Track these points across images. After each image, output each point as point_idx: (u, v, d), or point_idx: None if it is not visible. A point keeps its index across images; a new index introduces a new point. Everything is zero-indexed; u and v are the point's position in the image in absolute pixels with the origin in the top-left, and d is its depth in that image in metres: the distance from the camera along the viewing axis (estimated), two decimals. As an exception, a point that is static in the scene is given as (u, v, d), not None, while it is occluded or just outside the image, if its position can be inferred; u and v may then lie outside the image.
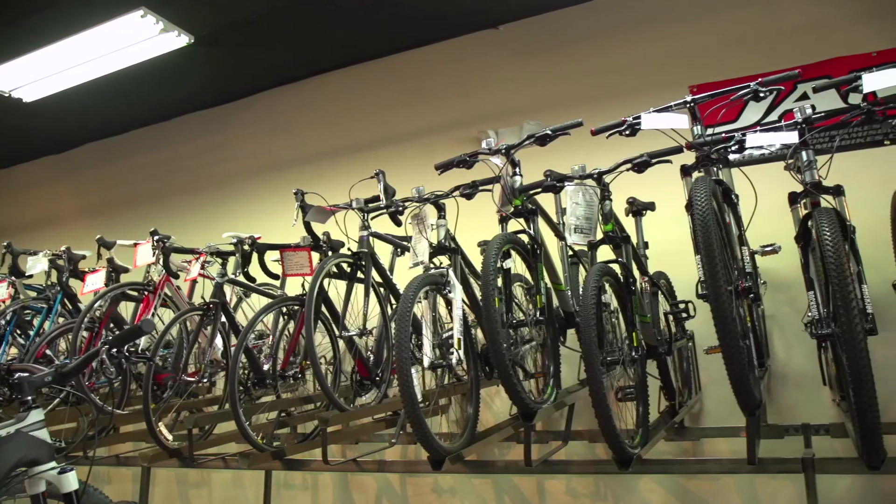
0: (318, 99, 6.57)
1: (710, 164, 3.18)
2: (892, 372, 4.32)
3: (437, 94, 6.03)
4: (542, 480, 5.03)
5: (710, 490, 4.65)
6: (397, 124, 6.11)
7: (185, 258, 4.88)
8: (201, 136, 7.14)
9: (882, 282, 3.95)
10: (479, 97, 5.86)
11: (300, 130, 6.62)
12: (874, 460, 2.56)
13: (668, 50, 5.30)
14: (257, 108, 6.87)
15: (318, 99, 6.57)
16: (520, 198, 3.46)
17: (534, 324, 3.40)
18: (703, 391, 4.61)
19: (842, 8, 4.89)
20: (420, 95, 6.10)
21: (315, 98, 6.58)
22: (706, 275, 2.55)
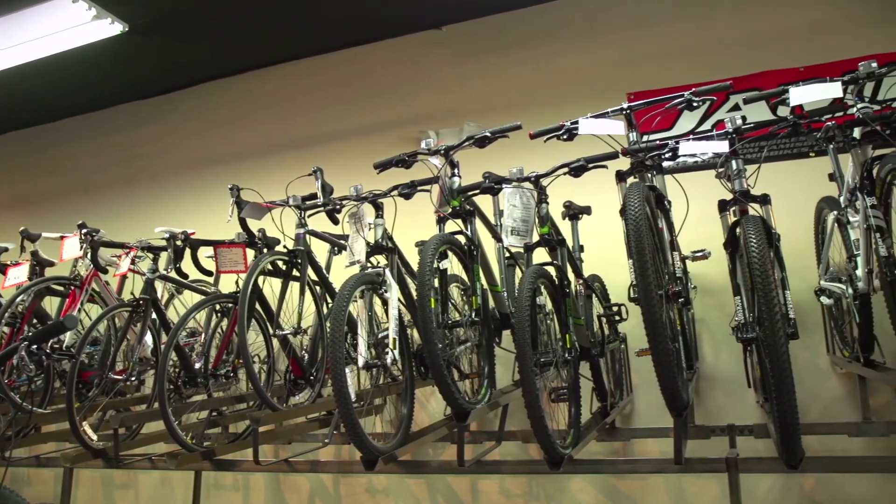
0: (258, 94, 6.47)
1: (644, 171, 3.24)
2: (812, 375, 4.52)
3: (378, 92, 6.01)
4: (476, 480, 5.06)
5: (640, 489, 4.75)
6: (337, 122, 6.07)
7: (114, 253, 4.74)
8: (135, 128, 6.95)
9: (805, 288, 4.09)
10: (421, 97, 5.86)
11: (238, 125, 6.51)
12: (793, 460, 2.65)
13: (608, 57, 5.40)
14: (194, 101, 6.73)
15: (257, 94, 6.47)
16: (458, 199, 3.47)
17: (469, 324, 3.41)
18: (635, 392, 4.70)
19: (772, 25, 5.07)
20: (361, 94, 6.07)
21: (254, 93, 6.48)
22: (637, 279, 2.59)
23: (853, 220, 3.39)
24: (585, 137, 3.34)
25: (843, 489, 4.38)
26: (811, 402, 4.52)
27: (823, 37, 4.90)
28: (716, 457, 3.24)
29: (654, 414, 4.49)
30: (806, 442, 4.20)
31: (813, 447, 4.24)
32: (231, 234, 4.41)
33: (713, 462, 3.21)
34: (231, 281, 4.30)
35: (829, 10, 4.99)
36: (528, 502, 4.96)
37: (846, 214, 3.51)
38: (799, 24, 5.02)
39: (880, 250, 2.96)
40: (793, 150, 4.86)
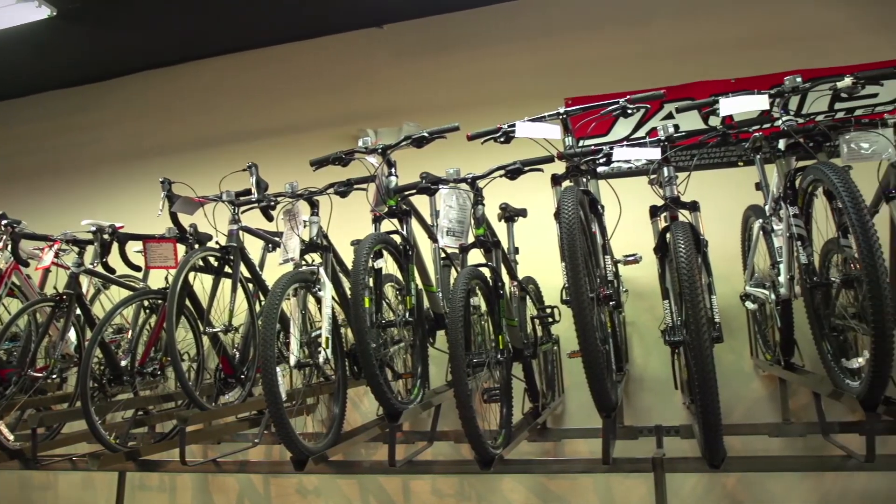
0: (192, 86, 6.33)
1: (579, 175, 3.29)
2: (737, 377, 4.66)
3: (317, 89, 5.95)
4: (408, 480, 5.06)
5: (570, 489, 4.82)
6: (274, 117, 5.98)
7: (37, 245, 4.56)
8: (62, 116, 6.70)
9: (732, 293, 4.21)
10: (360, 95, 5.83)
11: (171, 117, 6.35)
12: (715, 459, 2.72)
13: (547, 62, 5.47)
14: (126, 91, 6.53)
15: (191, 86, 6.33)
16: (394, 198, 3.46)
17: (403, 324, 3.41)
18: (566, 393, 4.77)
19: (706, 37, 5.23)
20: (299, 89, 6.00)
21: (188, 85, 6.34)
22: (569, 281, 2.63)
23: (777, 228, 3.50)
24: (523, 141, 3.37)
25: (763, 487, 4.54)
26: (735, 404, 4.67)
27: (753, 51, 5.07)
28: (643, 457, 3.31)
29: (584, 415, 4.55)
30: (729, 442, 4.33)
31: (736, 447, 4.38)
32: (161, 228, 4.30)
33: (640, 462, 3.28)
34: (160, 277, 4.21)
35: (758, 26, 5.16)
36: (459, 502, 4.98)
37: (771, 223, 3.62)
38: (730, 38, 5.19)
39: (801, 258, 3.07)
40: (722, 159, 5.01)
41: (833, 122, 3.20)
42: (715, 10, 5.30)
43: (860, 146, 3.01)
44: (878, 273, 2.44)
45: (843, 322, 3.06)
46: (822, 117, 4.55)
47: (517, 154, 3.59)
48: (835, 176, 2.67)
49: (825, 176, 2.73)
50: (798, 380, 3.81)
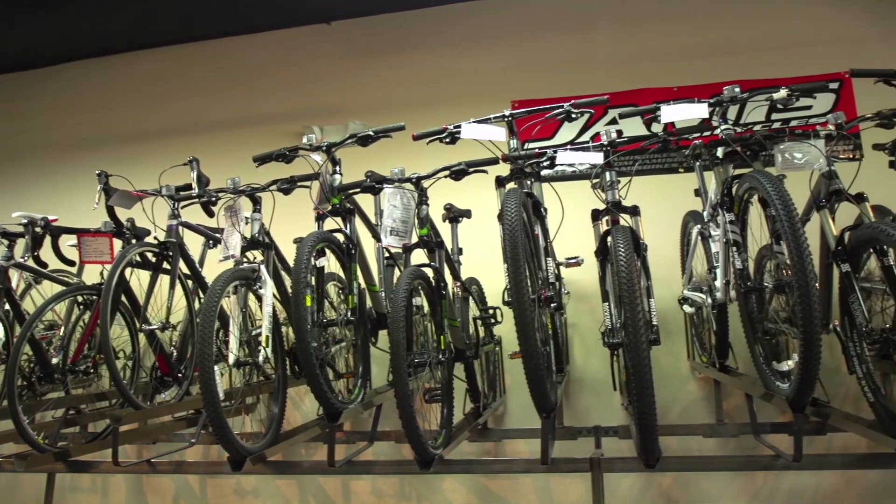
0: (132, 76, 6.17)
1: (523, 177, 3.32)
2: (674, 379, 4.76)
3: (261, 84, 5.87)
4: (348, 481, 5.03)
5: (510, 489, 4.86)
6: (217, 111, 5.88)
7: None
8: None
9: (670, 296, 4.30)
10: (306, 92, 5.77)
11: (109, 108, 6.18)
12: (651, 459, 2.76)
13: (495, 64, 5.51)
14: (62, 80, 6.34)
15: (131, 76, 6.17)
16: (338, 196, 3.44)
17: (345, 324, 3.38)
18: (508, 394, 4.80)
19: (650, 45, 5.34)
20: (243, 84, 5.91)
21: (128, 75, 6.18)
22: (511, 283, 2.65)
23: (714, 234, 3.59)
24: (469, 143, 3.39)
25: (697, 486, 4.65)
26: (671, 405, 4.77)
27: (695, 60, 5.21)
28: (581, 457, 3.35)
29: (525, 415, 4.59)
30: (665, 442, 4.44)
31: (672, 447, 4.48)
32: (97, 222, 4.18)
33: (578, 462, 3.31)
34: (96, 272, 4.09)
35: (700, 36, 5.30)
36: (399, 502, 4.97)
37: (708, 228, 3.71)
38: (673, 47, 5.32)
39: (736, 263, 3.15)
40: (664, 165, 5.11)
41: (769, 133, 3.30)
42: (658, 20, 5.43)
43: (794, 156, 3.10)
44: (807, 279, 2.52)
45: (775, 326, 3.16)
46: (759, 127, 4.68)
47: (463, 155, 3.60)
48: (769, 184, 2.75)
49: (760, 184, 2.80)
50: (732, 382, 3.91)
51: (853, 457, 3.60)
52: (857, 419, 3.10)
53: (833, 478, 4.53)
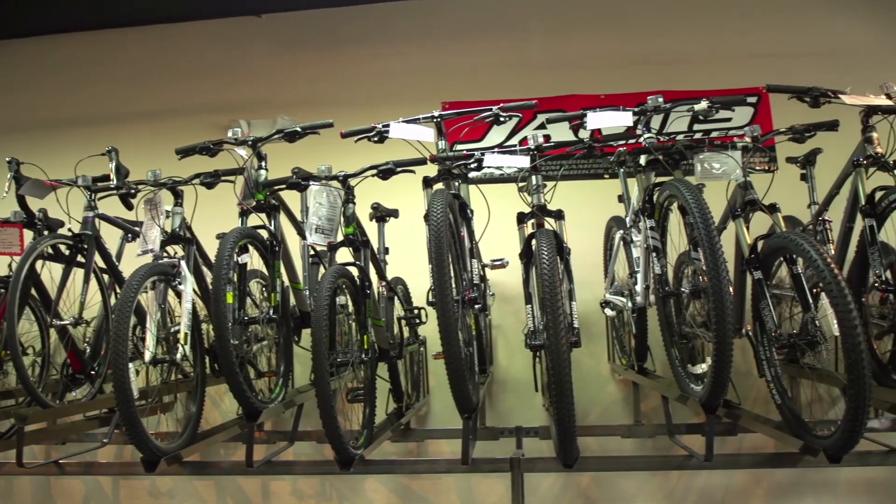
0: (50, 60, 5.91)
1: (450, 179, 3.33)
2: (594, 380, 4.86)
3: (188, 74, 5.72)
4: (268, 481, 4.94)
5: (432, 489, 4.87)
6: (139, 101, 5.69)
7: None
8: None
9: (593, 300, 4.37)
10: (234, 85, 5.65)
11: (23, 92, 5.89)
12: (569, 459, 2.80)
13: (427, 64, 5.52)
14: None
15: (49, 60, 5.91)
16: (263, 192, 3.39)
17: (267, 321, 3.32)
18: (432, 394, 4.81)
19: (580, 52, 5.45)
20: (169, 74, 5.74)
21: (46, 59, 5.91)
22: (435, 283, 2.65)
23: (636, 239, 3.67)
24: (398, 143, 3.38)
25: (615, 485, 4.76)
26: (592, 406, 4.87)
27: (623, 69, 5.34)
28: (502, 457, 3.38)
29: (448, 415, 4.60)
30: (585, 442, 4.52)
31: (591, 447, 4.56)
32: (6, 212, 4.00)
33: (498, 462, 3.34)
34: (3, 264, 3.91)
35: (628, 46, 5.44)
36: (320, 503, 4.92)
37: (630, 234, 3.80)
38: (602, 55, 5.44)
39: (655, 268, 3.24)
40: (590, 170, 5.21)
41: (689, 143, 3.40)
42: (589, 29, 5.55)
43: (712, 166, 3.20)
44: (721, 285, 2.61)
45: (691, 330, 3.26)
46: (682, 137, 4.82)
47: (392, 155, 3.59)
48: (688, 193, 2.84)
49: (679, 192, 2.89)
50: (649, 384, 4.01)
51: (761, 456, 3.73)
52: (766, 420, 3.23)
53: (743, 476, 4.71)
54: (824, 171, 4.12)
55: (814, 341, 2.82)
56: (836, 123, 3.62)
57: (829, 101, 3.30)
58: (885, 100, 3.24)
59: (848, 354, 2.48)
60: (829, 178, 3.72)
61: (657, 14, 5.55)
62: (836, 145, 3.75)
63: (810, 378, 3.53)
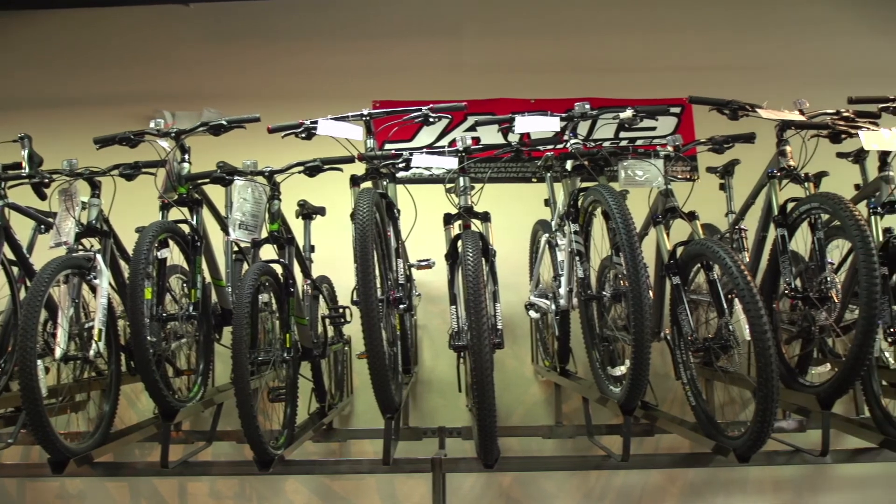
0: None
1: (378, 178, 3.32)
2: (518, 382, 4.92)
3: (109, 61, 5.50)
4: (185, 482, 4.82)
5: (354, 489, 4.84)
6: (56, 87, 5.44)
7: None
8: None
9: (518, 302, 4.42)
10: (159, 74, 5.48)
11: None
12: (489, 460, 2.83)
13: (360, 62, 5.49)
14: None
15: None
16: (185, 186, 3.30)
17: (186, 318, 3.24)
18: (355, 394, 4.77)
19: (512, 56, 5.51)
20: (89, 60, 5.51)
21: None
22: (359, 282, 2.64)
23: (561, 243, 3.73)
24: (328, 141, 3.35)
25: (536, 485, 4.82)
26: (515, 407, 4.92)
27: (553, 75, 5.42)
28: (424, 457, 3.39)
29: (372, 415, 4.55)
30: (508, 443, 4.60)
31: (514, 448, 4.63)
32: None
33: (420, 462, 3.36)
34: None
35: (559, 53, 5.53)
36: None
37: (556, 237, 3.86)
38: (533, 61, 5.51)
39: (579, 272, 3.29)
40: (518, 174, 5.27)
41: (614, 149, 3.47)
42: (522, 34, 5.62)
43: (636, 173, 3.28)
44: (640, 289, 2.68)
45: (612, 333, 3.33)
46: (608, 144, 4.92)
47: (322, 152, 3.56)
48: (611, 198, 2.90)
49: (603, 198, 2.95)
50: (571, 385, 4.08)
51: (676, 456, 3.85)
52: (682, 422, 3.33)
53: (659, 476, 4.84)
54: (742, 182, 4.28)
55: (727, 345, 2.93)
56: (753, 136, 3.75)
57: (747, 114, 3.42)
58: (798, 115, 3.37)
59: (758, 358, 2.58)
60: (747, 188, 3.87)
61: (588, 23, 5.65)
62: (753, 157, 3.90)
63: (724, 381, 3.66)
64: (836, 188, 3.20)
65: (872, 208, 3.29)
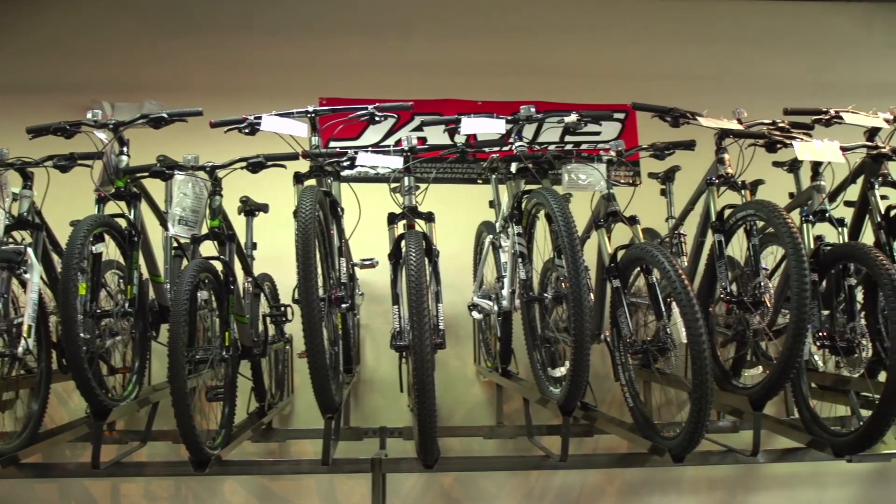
0: None
1: (322, 175, 3.30)
2: (461, 382, 4.94)
3: (46, 48, 5.31)
4: (118, 483, 4.68)
5: (293, 489, 4.78)
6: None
7: None
8: None
9: (461, 303, 4.43)
10: (99, 63, 5.30)
11: None
12: (429, 460, 2.83)
13: (306, 58, 5.44)
14: None
15: None
16: (123, 179, 3.22)
17: (122, 315, 3.15)
18: (296, 393, 4.72)
19: (461, 57, 5.53)
20: (24, 46, 5.31)
21: None
22: (300, 281, 2.62)
23: (504, 244, 3.76)
24: (273, 137, 3.30)
25: (476, 485, 4.85)
26: (457, 407, 4.94)
27: (501, 78, 5.46)
28: (364, 457, 3.38)
29: (313, 415, 4.48)
30: (449, 443, 4.60)
31: (455, 448, 4.63)
32: None
33: (359, 462, 3.34)
34: None
35: (507, 56, 5.59)
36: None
37: (499, 239, 3.88)
38: (481, 63, 5.54)
39: (521, 274, 3.32)
40: (463, 175, 5.29)
41: (558, 153, 3.51)
42: (472, 35, 5.64)
43: (579, 177, 3.33)
44: (581, 292, 2.72)
45: (554, 334, 3.36)
46: (553, 147, 4.97)
47: (267, 148, 3.51)
48: (554, 201, 2.93)
49: (546, 200, 2.98)
50: (512, 386, 4.11)
51: (614, 456, 3.91)
52: (620, 423, 3.38)
53: (597, 475, 4.91)
54: (682, 188, 4.37)
55: (665, 348, 2.99)
56: (693, 143, 3.84)
57: (688, 121, 3.50)
58: (737, 124, 3.47)
59: (693, 361, 2.65)
60: (687, 194, 3.95)
61: (536, 27, 5.71)
62: (693, 164, 3.99)
63: (661, 382, 3.74)
64: (772, 196, 3.30)
65: (805, 216, 3.40)
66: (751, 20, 5.91)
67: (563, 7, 5.80)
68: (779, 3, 5.98)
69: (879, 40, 5.98)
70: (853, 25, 6.02)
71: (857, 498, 5.06)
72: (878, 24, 6.04)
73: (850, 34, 6.00)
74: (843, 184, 3.67)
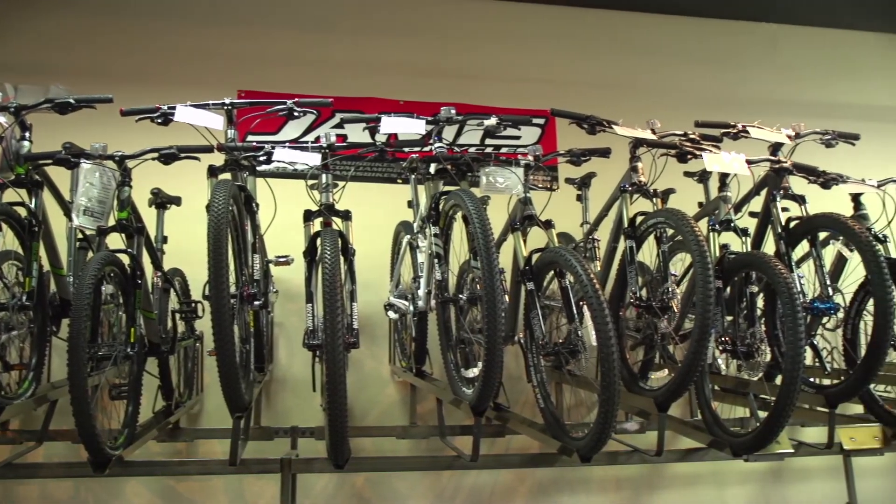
0: None
1: (237, 169, 3.23)
2: (375, 382, 4.91)
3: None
4: (12, 486, 4.44)
5: (200, 490, 4.66)
6: None
7: None
8: None
9: (378, 302, 4.40)
10: (2, 42, 5.05)
11: None
12: (340, 460, 2.81)
13: (226, 49, 5.33)
14: None
15: None
16: (24, 166, 3.07)
17: (19, 308, 3.01)
18: (206, 392, 4.61)
19: (384, 56, 5.53)
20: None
21: None
22: (211, 277, 2.56)
23: (422, 245, 3.76)
24: (187, 129, 3.22)
25: (389, 485, 4.83)
26: (371, 407, 4.91)
27: (424, 79, 5.47)
28: (274, 458, 3.32)
29: (223, 414, 4.37)
30: (362, 443, 4.58)
31: (367, 448, 4.62)
32: None
33: (269, 463, 3.29)
34: None
35: (430, 57, 5.63)
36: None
37: (417, 239, 3.88)
38: (405, 63, 5.55)
39: (437, 274, 3.33)
40: (383, 174, 5.27)
41: (477, 155, 3.54)
42: (396, 35, 5.65)
43: (496, 180, 3.37)
44: (494, 293, 2.75)
45: (468, 335, 3.39)
46: (474, 149, 5.00)
47: (182, 140, 3.39)
48: (471, 203, 2.96)
49: (463, 202, 3.00)
50: (426, 387, 4.12)
51: (525, 456, 3.97)
52: (532, 423, 3.43)
53: (508, 475, 4.98)
54: (597, 194, 4.48)
55: (576, 350, 3.05)
56: (609, 151, 3.94)
57: (604, 129, 3.59)
58: (651, 134, 3.58)
59: (602, 363, 2.71)
60: (602, 200, 4.05)
61: (460, 30, 5.77)
62: (608, 171, 4.08)
63: (571, 384, 3.81)
64: (682, 205, 3.42)
65: (711, 225, 3.54)
66: (666, 35, 6.13)
67: (488, 13, 5.87)
68: (693, 20, 6.23)
69: (784, 60, 6.29)
70: (761, 45, 6.32)
71: (755, 495, 5.30)
72: (784, 45, 6.35)
73: (758, 53, 6.29)
74: (748, 195, 3.84)
